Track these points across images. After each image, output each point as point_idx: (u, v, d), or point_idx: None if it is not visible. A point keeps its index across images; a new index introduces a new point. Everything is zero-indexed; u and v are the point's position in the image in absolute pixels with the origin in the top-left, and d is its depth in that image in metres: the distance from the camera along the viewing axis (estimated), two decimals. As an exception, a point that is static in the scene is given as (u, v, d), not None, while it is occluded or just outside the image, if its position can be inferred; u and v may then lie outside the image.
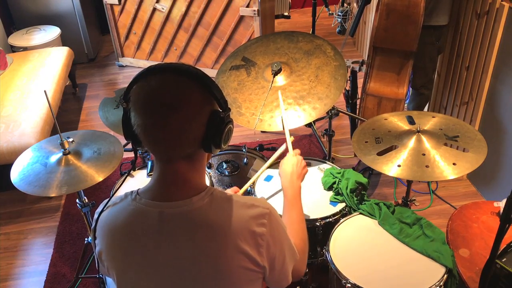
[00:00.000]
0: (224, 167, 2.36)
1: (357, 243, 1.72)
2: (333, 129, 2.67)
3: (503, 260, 1.50)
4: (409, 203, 2.04)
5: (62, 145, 1.91)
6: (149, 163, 2.19)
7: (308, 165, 2.11)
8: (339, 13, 2.99)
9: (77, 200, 2.09)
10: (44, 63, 3.69)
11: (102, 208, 1.13)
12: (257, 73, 2.13)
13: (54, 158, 1.92)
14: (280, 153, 1.75)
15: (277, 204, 1.38)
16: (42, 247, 2.71)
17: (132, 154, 2.98)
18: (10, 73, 3.57)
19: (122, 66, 4.60)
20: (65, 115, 3.93)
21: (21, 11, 4.38)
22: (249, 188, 2.01)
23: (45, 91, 1.91)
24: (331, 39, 3.12)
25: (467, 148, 1.76)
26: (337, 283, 1.61)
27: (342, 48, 4.47)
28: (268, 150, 2.66)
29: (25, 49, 4.05)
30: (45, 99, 2.58)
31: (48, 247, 2.69)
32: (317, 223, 1.82)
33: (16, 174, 1.88)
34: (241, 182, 2.29)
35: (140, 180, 2.14)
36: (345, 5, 3.04)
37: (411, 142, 1.80)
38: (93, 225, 1.15)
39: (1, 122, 2.98)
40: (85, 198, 2.09)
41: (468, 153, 1.74)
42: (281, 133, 3.22)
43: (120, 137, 2.04)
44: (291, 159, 1.54)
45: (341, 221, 1.80)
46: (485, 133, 1.99)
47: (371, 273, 1.58)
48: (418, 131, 1.82)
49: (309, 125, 3.32)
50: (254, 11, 3.77)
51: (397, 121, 1.95)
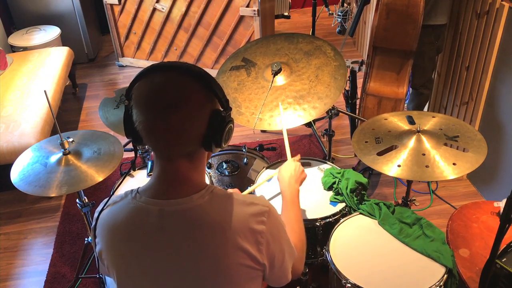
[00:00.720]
0: (224, 167, 2.36)
1: (357, 243, 1.72)
2: (333, 129, 2.67)
3: (503, 260, 1.50)
4: (409, 203, 2.04)
5: (62, 145, 1.91)
6: (149, 163, 2.19)
7: (308, 165, 2.11)
8: (339, 13, 2.99)
9: (77, 200, 2.09)
10: (44, 63, 3.69)
11: (102, 207, 1.14)
12: (257, 73, 2.13)
13: (54, 158, 1.92)
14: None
15: (278, 205, 1.38)
16: (42, 247, 2.71)
17: (132, 154, 2.99)
18: (10, 73, 3.57)
19: (122, 66, 4.60)
20: (65, 115, 3.93)
21: (21, 11, 4.38)
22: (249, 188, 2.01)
23: (45, 91, 1.91)
24: (331, 39, 3.12)
25: (467, 148, 1.76)
26: (337, 283, 1.61)
27: (342, 48, 4.47)
28: (268, 150, 2.66)
29: (25, 49, 4.05)
30: (45, 99, 2.58)
31: (48, 247, 2.69)
32: (317, 223, 1.82)
33: (16, 174, 1.88)
34: (241, 182, 2.29)
35: (140, 180, 2.14)
36: (345, 5, 3.04)
37: (411, 142, 1.80)
38: (93, 224, 1.15)
39: (1, 122, 2.98)
40: (85, 198, 2.09)
41: (468, 153, 1.74)
42: (281, 132, 3.23)
43: (120, 137, 2.05)
44: (289, 164, 1.57)
45: (341, 221, 1.80)
46: (485, 133, 1.99)
47: (371, 273, 1.59)
48: (418, 131, 1.82)
49: (309, 125, 3.32)
50: (254, 11, 3.77)
51: (397, 121, 1.96)
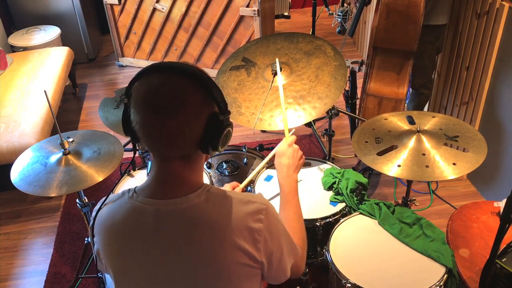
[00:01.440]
0: (224, 167, 2.36)
1: (357, 243, 1.72)
2: (333, 129, 2.67)
3: (503, 260, 1.50)
4: (409, 203, 2.04)
5: (62, 145, 1.91)
6: (149, 163, 2.18)
7: (308, 165, 2.11)
8: (339, 13, 2.99)
9: (77, 200, 2.09)
10: (44, 63, 3.69)
11: (99, 205, 1.14)
12: (257, 73, 2.13)
13: (54, 158, 1.93)
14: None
15: (277, 205, 1.38)
16: (42, 247, 2.71)
17: (132, 154, 2.99)
18: (10, 73, 3.57)
19: (122, 66, 4.60)
20: (65, 115, 3.93)
21: (21, 11, 4.38)
22: (249, 188, 2.01)
23: (45, 91, 1.91)
24: (331, 39, 3.12)
25: (467, 148, 1.76)
26: (337, 283, 1.61)
27: (342, 48, 4.47)
28: (268, 150, 2.66)
29: (25, 49, 4.05)
30: (45, 99, 2.58)
31: (48, 247, 2.69)
32: (317, 223, 1.81)
33: (16, 174, 1.89)
34: (241, 182, 2.29)
35: (140, 180, 2.14)
36: (345, 5, 3.04)
37: (411, 142, 1.80)
38: (91, 222, 1.15)
39: (1, 122, 2.98)
40: (85, 198, 2.09)
41: (468, 153, 1.74)
42: (281, 133, 3.22)
43: (120, 137, 2.05)
44: (286, 150, 1.48)
45: (341, 221, 1.80)
46: (485, 133, 1.99)
47: (371, 273, 1.58)
48: (418, 131, 1.82)
49: (309, 125, 3.32)
50: (254, 11, 3.77)
51: (397, 121, 1.96)
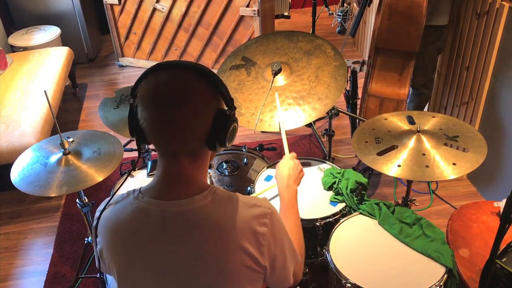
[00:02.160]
0: (224, 167, 2.36)
1: (357, 243, 1.72)
2: (333, 129, 2.67)
3: (503, 260, 1.50)
4: (409, 203, 2.04)
5: (62, 145, 1.91)
6: (149, 163, 2.19)
7: (308, 165, 2.11)
8: (339, 13, 2.99)
9: (77, 200, 2.09)
10: (44, 63, 3.69)
11: (104, 206, 1.13)
12: (257, 73, 2.13)
13: (54, 158, 1.92)
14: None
15: (277, 204, 1.38)
16: (42, 247, 2.71)
17: (132, 154, 2.99)
18: (10, 73, 3.57)
19: (122, 66, 4.60)
20: (65, 115, 3.93)
21: (21, 11, 4.38)
22: (249, 188, 2.02)
23: (45, 91, 1.91)
24: (331, 39, 3.12)
25: (467, 148, 1.76)
26: (337, 283, 1.61)
27: (342, 48, 4.47)
28: (268, 150, 2.66)
29: (25, 49, 4.05)
30: (45, 99, 2.58)
31: (48, 247, 2.69)
32: (317, 223, 1.82)
33: (16, 174, 1.88)
34: (241, 182, 2.29)
35: (140, 180, 2.14)
36: (345, 5, 3.04)
37: (411, 142, 1.80)
38: (94, 223, 1.15)
39: (1, 122, 2.98)
40: (85, 198, 2.09)
41: (468, 153, 1.74)
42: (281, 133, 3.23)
43: (120, 137, 2.05)
44: (287, 162, 1.53)
45: (341, 221, 1.80)
46: (485, 133, 1.99)
47: (371, 273, 1.59)
48: (418, 131, 1.82)
49: (309, 125, 3.32)
50: (254, 11, 3.77)
51: (397, 121, 1.95)
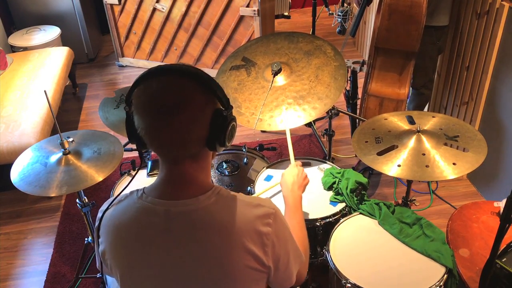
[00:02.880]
0: (224, 167, 2.36)
1: (357, 243, 1.72)
2: (333, 129, 2.67)
3: (503, 260, 1.50)
4: (409, 203, 2.04)
5: (62, 145, 1.91)
6: (149, 163, 2.19)
7: (308, 165, 2.11)
8: (339, 13, 2.99)
9: (77, 200, 2.09)
10: (44, 63, 3.69)
11: (106, 206, 1.13)
12: (257, 73, 2.13)
13: (54, 158, 1.93)
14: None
15: (278, 205, 1.38)
16: (42, 247, 2.71)
17: (132, 154, 2.99)
18: (10, 73, 3.57)
19: (122, 66, 4.60)
20: (65, 115, 3.93)
21: (21, 11, 4.38)
22: (249, 188, 2.02)
23: (45, 91, 1.91)
24: (331, 39, 3.12)
25: (467, 148, 1.76)
26: (337, 283, 1.61)
27: (342, 48, 4.47)
28: (268, 150, 2.66)
29: (25, 49, 4.05)
30: (45, 99, 2.58)
31: (48, 247, 2.69)
32: (317, 223, 1.82)
33: (16, 174, 1.89)
34: (241, 182, 2.29)
35: (140, 180, 2.14)
36: (345, 5, 3.04)
37: (411, 142, 1.80)
38: (96, 223, 1.14)
39: (1, 122, 2.98)
40: (85, 198, 2.09)
41: (468, 153, 1.74)
42: (281, 132, 3.22)
43: (120, 137, 2.05)
44: (292, 170, 1.56)
45: (341, 221, 1.80)
46: (485, 133, 1.99)
47: (371, 273, 1.59)
48: (418, 131, 1.82)
49: (309, 125, 3.32)
50: (254, 11, 3.77)
51: (397, 121, 1.95)
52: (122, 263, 1.10)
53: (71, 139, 1.97)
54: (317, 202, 1.91)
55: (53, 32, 4.23)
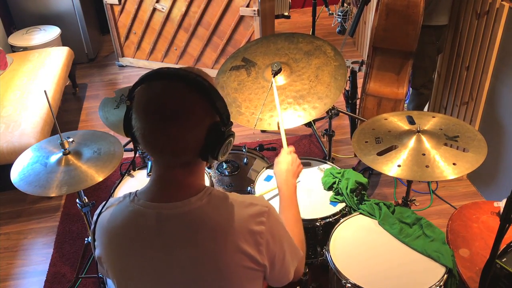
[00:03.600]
0: (224, 167, 2.36)
1: (357, 243, 1.72)
2: (333, 129, 2.67)
3: (503, 260, 1.50)
4: (409, 203, 2.04)
5: (62, 145, 1.91)
6: (149, 163, 2.19)
7: (308, 165, 2.11)
8: (339, 13, 2.99)
9: (77, 200, 2.09)
10: (44, 63, 3.69)
11: (100, 209, 1.13)
12: (257, 73, 2.13)
13: (54, 158, 1.93)
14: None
15: (277, 205, 1.38)
16: (42, 247, 2.71)
17: (132, 154, 2.99)
18: (10, 73, 3.57)
19: (122, 66, 4.60)
20: (65, 115, 3.93)
21: (21, 11, 4.38)
22: (249, 188, 2.02)
23: (45, 91, 1.91)
24: (331, 39, 3.12)
25: (467, 148, 1.76)
26: (337, 283, 1.61)
27: (342, 48, 4.47)
28: (268, 150, 2.66)
29: (25, 49, 4.05)
30: (45, 99, 2.58)
31: (48, 247, 2.69)
32: (317, 223, 1.82)
33: (16, 174, 1.88)
34: (241, 182, 2.29)
35: (141, 180, 2.14)
36: (345, 5, 3.04)
37: (411, 142, 1.80)
38: (92, 226, 1.14)
39: (1, 122, 2.98)
40: (85, 198, 2.09)
41: (468, 153, 1.74)
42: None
43: (120, 137, 2.05)
44: (285, 157, 1.52)
45: (341, 221, 1.80)
46: (485, 133, 1.99)
47: (371, 273, 1.59)
48: (418, 131, 1.82)
49: (309, 125, 3.32)
50: (254, 11, 3.77)
51: (397, 121, 1.96)
52: (117, 266, 1.10)
53: (71, 139, 1.97)
54: (317, 202, 1.91)
55: (53, 32, 4.23)
